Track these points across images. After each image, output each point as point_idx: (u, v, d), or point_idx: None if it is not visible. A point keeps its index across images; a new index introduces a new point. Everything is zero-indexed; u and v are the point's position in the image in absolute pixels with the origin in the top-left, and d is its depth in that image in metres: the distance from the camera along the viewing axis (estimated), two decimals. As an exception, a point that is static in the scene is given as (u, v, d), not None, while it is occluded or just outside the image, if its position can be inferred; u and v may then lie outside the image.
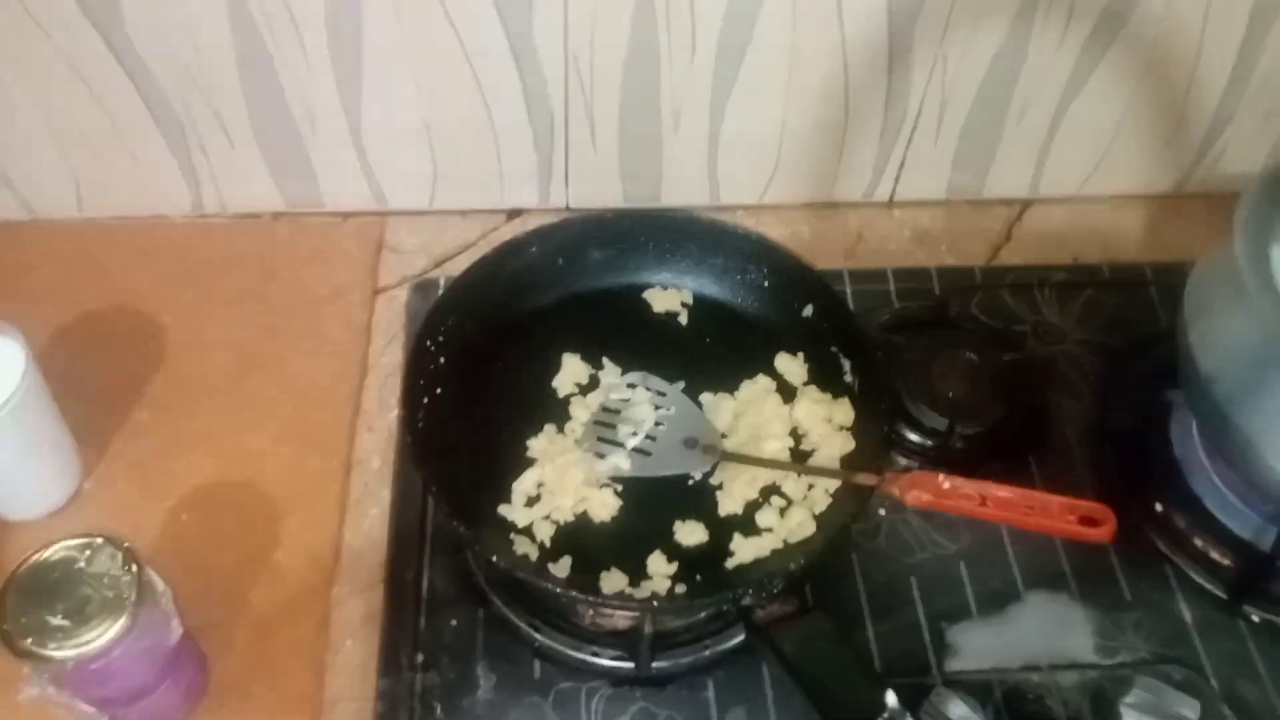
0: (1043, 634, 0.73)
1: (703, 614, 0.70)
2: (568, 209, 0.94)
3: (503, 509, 0.71)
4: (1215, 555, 0.77)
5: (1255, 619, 0.74)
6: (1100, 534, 0.64)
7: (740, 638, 0.70)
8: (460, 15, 0.79)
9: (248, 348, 0.84)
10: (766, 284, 0.82)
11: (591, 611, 0.70)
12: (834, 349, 0.79)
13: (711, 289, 0.83)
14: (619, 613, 0.69)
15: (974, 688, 0.69)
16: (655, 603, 0.66)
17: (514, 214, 0.95)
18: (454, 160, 0.90)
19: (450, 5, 0.78)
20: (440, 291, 0.83)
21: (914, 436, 0.81)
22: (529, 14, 0.79)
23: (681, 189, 0.94)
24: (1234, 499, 0.77)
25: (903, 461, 0.81)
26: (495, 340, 0.79)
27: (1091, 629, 0.73)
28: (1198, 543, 0.77)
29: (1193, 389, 0.74)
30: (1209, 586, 0.75)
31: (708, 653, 0.70)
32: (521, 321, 0.81)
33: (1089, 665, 0.72)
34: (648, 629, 0.67)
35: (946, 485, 0.67)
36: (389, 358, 0.85)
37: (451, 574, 0.74)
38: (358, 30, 0.79)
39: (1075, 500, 0.66)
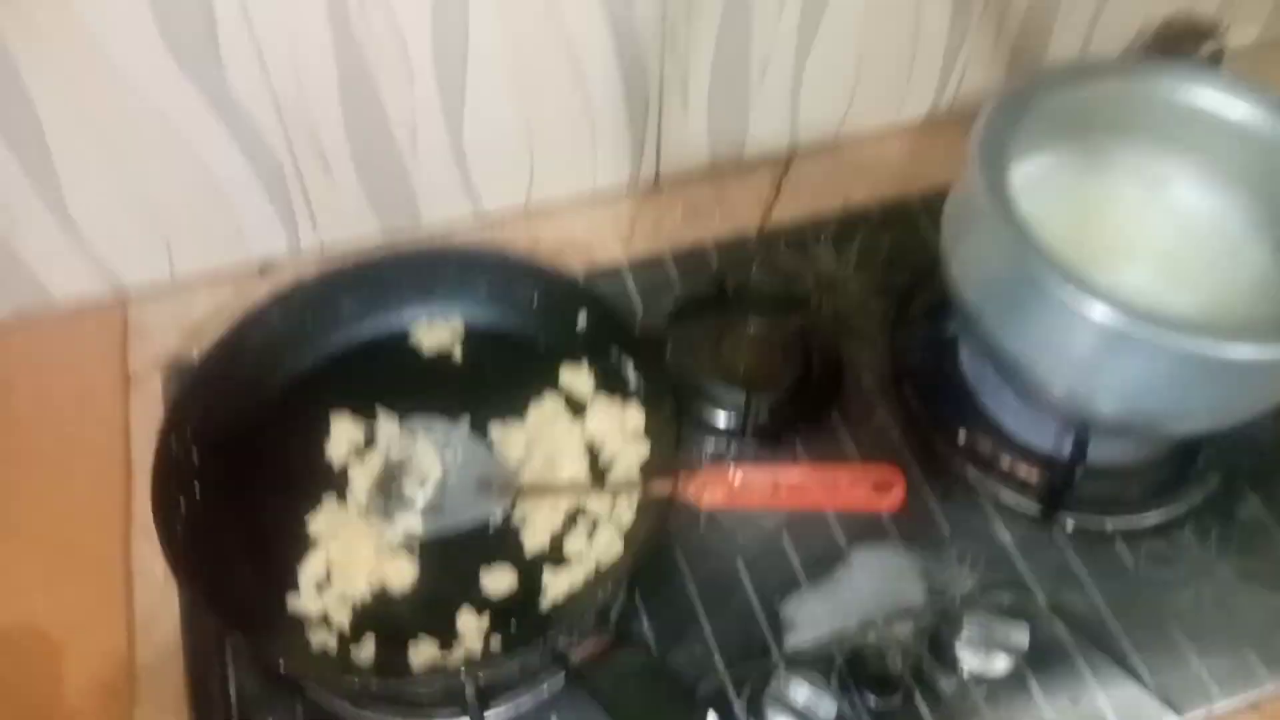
0: (873, 589, 0.73)
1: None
2: (322, 251, 0.89)
3: (291, 601, 0.66)
4: (1022, 473, 0.78)
5: (1069, 527, 0.76)
6: (890, 502, 0.64)
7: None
8: (140, 78, 0.72)
9: (-3, 478, 0.77)
10: (534, 300, 0.79)
11: (411, 685, 0.67)
12: (615, 353, 0.77)
13: (480, 316, 0.80)
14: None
15: (815, 660, 0.69)
16: (465, 668, 0.63)
17: (266, 267, 0.88)
18: (184, 228, 0.83)
19: (125, 69, 0.71)
20: (180, 382, 0.77)
21: (716, 419, 0.80)
22: (218, 65, 0.73)
23: (440, 208, 0.90)
24: (1028, 416, 0.79)
25: (710, 447, 0.79)
26: (254, 419, 0.74)
27: (919, 572, 0.73)
28: (1004, 464, 0.78)
29: (963, 318, 0.74)
30: (1021, 505, 0.77)
31: (546, 692, 0.67)
32: (281, 392, 0.76)
33: (922, 609, 0.72)
34: (470, 689, 0.64)
35: (738, 480, 0.65)
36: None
37: (259, 672, 0.68)
38: (31, 111, 0.71)
39: (864, 466, 0.66)
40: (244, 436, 0.72)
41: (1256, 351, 0.60)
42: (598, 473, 0.73)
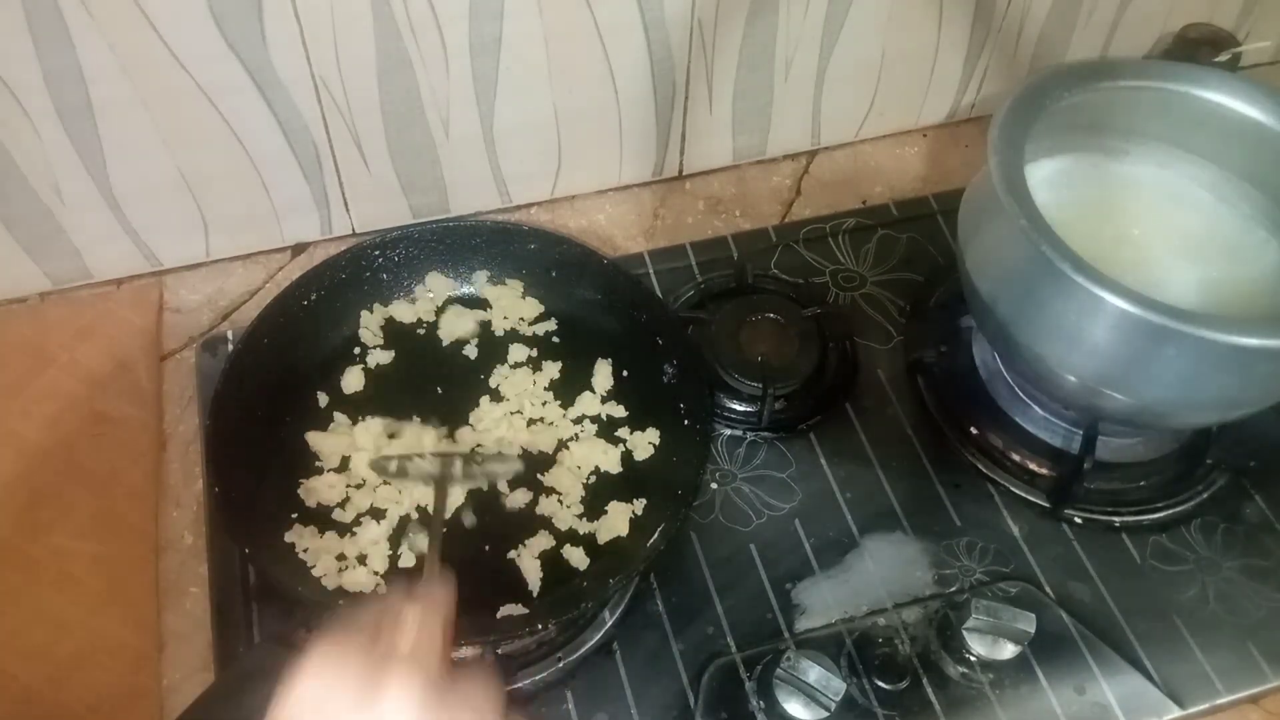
0: (883, 575, 0.74)
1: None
2: (354, 234, 0.91)
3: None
4: (1032, 466, 0.80)
5: (1078, 520, 0.77)
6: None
7: (595, 640, 0.70)
8: (189, 56, 0.74)
9: (31, 443, 0.78)
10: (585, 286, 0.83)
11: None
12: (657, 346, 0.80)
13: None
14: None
15: (825, 643, 0.71)
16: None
17: (298, 249, 0.91)
18: (220, 205, 0.85)
19: (175, 46, 0.73)
20: (230, 347, 0.80)
21: (735, 406, 0.81)
22: (262, 44, 0.75)
23: (468, 193, 0.92)
24: (1040, 410, 0.80)
25: (727, 432, 0.81)
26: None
27: (929, 561, 0.75)
28: (1014, 457, 0.80)
29: (977, 311, 0.76)
30: (1031, 498, 0.78)
31: (561, 664, 0.69)
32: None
33: (930, 596, 0.73)
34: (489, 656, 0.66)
35: None
36: (186, 425, 0.80)
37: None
38: (84, 89, 0.74)
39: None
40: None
41: (1265, 340, 0.61)
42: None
